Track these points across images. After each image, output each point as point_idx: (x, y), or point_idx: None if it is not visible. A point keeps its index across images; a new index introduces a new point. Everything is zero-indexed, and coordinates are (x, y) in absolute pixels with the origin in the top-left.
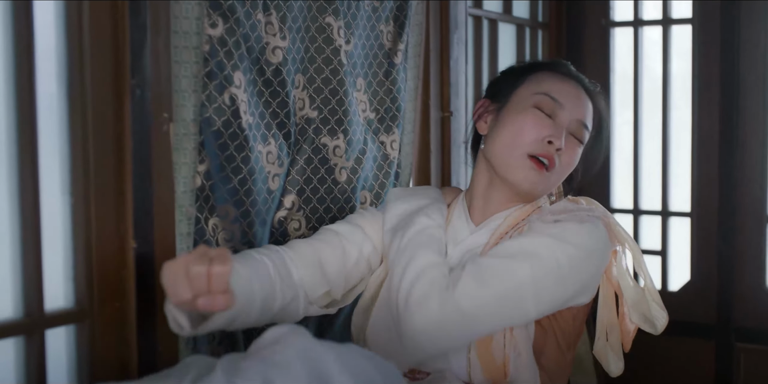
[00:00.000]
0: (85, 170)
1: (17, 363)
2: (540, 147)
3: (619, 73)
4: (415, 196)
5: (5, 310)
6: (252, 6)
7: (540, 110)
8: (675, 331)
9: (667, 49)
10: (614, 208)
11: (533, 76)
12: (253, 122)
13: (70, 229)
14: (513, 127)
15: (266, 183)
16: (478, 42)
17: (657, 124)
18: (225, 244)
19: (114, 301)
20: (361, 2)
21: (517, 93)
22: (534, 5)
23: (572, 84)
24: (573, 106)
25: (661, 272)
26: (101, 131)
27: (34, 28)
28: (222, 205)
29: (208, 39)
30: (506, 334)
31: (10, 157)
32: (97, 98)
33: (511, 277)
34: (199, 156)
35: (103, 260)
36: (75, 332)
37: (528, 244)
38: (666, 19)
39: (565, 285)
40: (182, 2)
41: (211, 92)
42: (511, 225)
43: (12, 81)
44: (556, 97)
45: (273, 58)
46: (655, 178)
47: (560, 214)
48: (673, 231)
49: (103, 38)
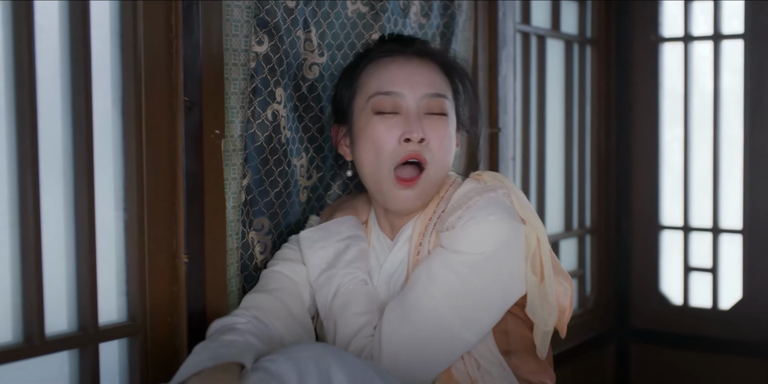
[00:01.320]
0: (138, 187)
1: (72, 376)
2: (401, 151)
3: (669, 89)
4: (329, 238)
5: (61, 324)
6: (293, 23)
7: (381, 113)
8: (726, 349)
9: (718, 65)
10: (664, 225)
11: (359, 79)
12: (290, 137)
13: (123, 244)
14: (366, 143)
15: (297, 196)
16: (526, 58)
17: (707, 140)
18: (260, 256)
19: (166, 315)
20: (407, 19)
21: (355, 106)
22: (582, 21)
23: (398, 61)
24: (410, 85)
25: (712, 290)
26: (154, 148)
27: (91, 47)
28: (258, 218)
29: (255, 56)
30: (464, 357)
31: (66, 174)
32: (151, 115)
33: (428, 314)
34: (242, 171)
35: (156, 275)
36: (128, 346)
37: (428, 269)
38: (717, 35)
39: (486, 294)
40: (233, 20)
41: (256, 108)
42: (421, 231)
43: (69, 99)
44: (388, 89)
45: (309, 74)
46: (705, 194)
47: (459, 209)
48: (723, 248)
49: (157, 56)
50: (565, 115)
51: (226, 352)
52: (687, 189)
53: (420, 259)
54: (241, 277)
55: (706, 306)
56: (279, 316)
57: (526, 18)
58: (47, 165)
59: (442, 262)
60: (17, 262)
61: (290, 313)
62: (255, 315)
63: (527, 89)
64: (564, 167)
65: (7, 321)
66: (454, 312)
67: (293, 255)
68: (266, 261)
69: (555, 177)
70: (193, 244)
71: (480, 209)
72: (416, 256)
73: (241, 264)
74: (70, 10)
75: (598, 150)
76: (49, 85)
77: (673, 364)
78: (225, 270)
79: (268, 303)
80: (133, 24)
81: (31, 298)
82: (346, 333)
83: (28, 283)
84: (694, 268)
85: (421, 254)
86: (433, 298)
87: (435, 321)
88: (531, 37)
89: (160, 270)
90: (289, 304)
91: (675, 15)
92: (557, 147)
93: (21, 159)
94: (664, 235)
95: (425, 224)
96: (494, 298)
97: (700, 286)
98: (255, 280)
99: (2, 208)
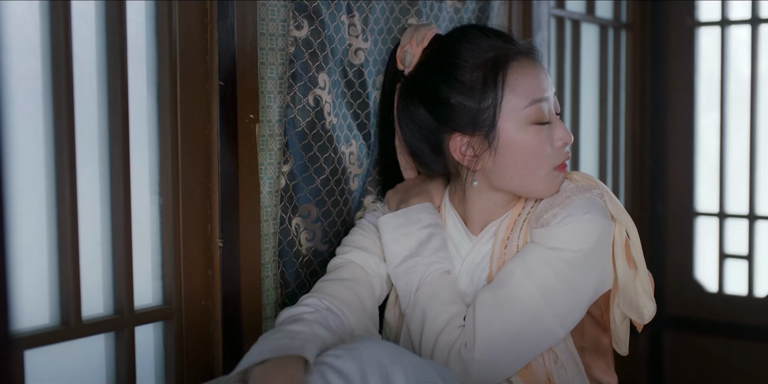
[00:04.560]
0: (173, 171)
1: (108, 358)
2: (560, 156)
3: (705, 73)
4: (410, 225)
5: (97, 308)
6: (336, 8)
7: (538, 124)
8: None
9: (755, 49)
10: (699, 211)
11: (504, 90)
12: (337, 123)
13: (158, 229)
14: (524, 155)
15: (348, 183)
16: (560, 43)
17: (744, 125)
18: (306, 243)
19: (200, 299)
20: (443, 3)
21: (502, 118)
22: (617, 5)
23: (533, 64)
24: (546, 89)
25: (747, 277)
26: (189, 133)
27: (126, 31)
28: (304, 205)
29: (294, 41)
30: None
31: (103, 158)
32: (186, 100)
33: (523, 308)
34: (283, 157)
35: (191, 259)
36: (163, 329)
37: (524, 264)
38: (755, 19)
39: (580, 290)
40: (268, 4)
41: (296, 93)
42: (509, 226)
43: (105, 84)
44: (537, 96)
45: (355, 59)
46: (741, 181)
47: (555, 207)
48: (760, 235)
49: (192, 40)
50: (600, 101)
51: (289, 343)
52: (723, 175)
53: (507, 253)
54: (280, 263)
55: (742, 293)
56: (352, 308)
57: (560, 2)
58: (84, 150)
59: (539, 258)
60: (54, 246)
61: (362, 306)
62: (328, 306)
63: (561, 74)
64: (598, 153)
65: (45, 304)
66: (548, 307)
67: (364, 242)
68: (314, 249)
69: (589, 163)
70: (227, 228)
71: (577, 207)
72: (503, 250)
73: (280, 250)
74: None
75: (632, 136)
76: (86, 70)
77: (707, 351)
78: (260, 255)
79: (343, 293)
80: (168, 9)
81: (68, 282)
82: (437, 322)
83: (65, 267)
84: (730, 255)
85: (508, 248)
86: (530, 292)
87: (530, 314)
88: (566, 21)
89: (195, 254)
90: (362, 296)
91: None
92: (592, 133)
93: (58, 144)
94: (699, 222)
95: (514, 219)
96: (586, 294)
97: (736, 274)
98: (295, 266)
99: (40, 194)
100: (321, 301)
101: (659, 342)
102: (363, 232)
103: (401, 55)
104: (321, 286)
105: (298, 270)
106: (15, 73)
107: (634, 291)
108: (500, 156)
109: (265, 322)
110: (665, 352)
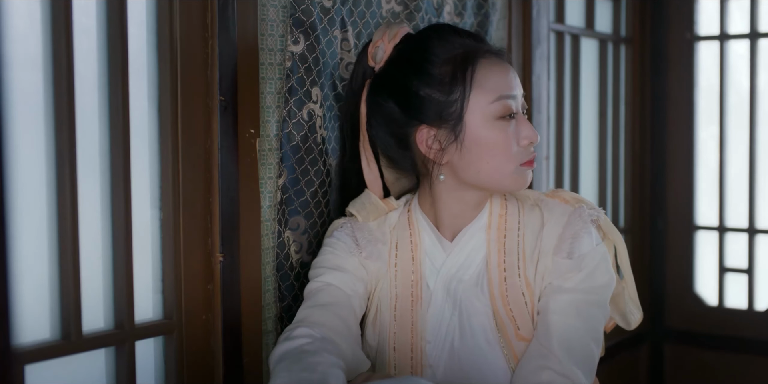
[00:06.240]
0: (174, 185)
1: (108, 373)
2: (527, 153)
3: (704, 87)
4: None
5: (97, 322)
6: (329, 23)
7: (503, 119)
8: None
9: (754, 63)
10: (699, 225)
11: (472, 84)
12: (326, 136)
13: (159, 243)
14: (489, 150)
15: (334, 195)
16: (560, 57)
17: (743, 139)
18: (295, 255)
19: (201, 313)
20: (441, 18)
21: (469, 111)
22: (617, 19)
23: (502, 62)
24: (514, 87)
25: (747, 291)
26: (190, 147)
27: (128, 46)
28: (294, 218)
29: (291, 55)
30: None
31: (103, 172)
32: (187, 114)
33: (584, 348)
34: (278, 170)
35: (191, 274)
36: (163, 343)
37: (563, 308)
38: (753, 33)
39: (605, 311)
40: (268, 19)
41: (291, 108)
42: (489, 238)
43: (106, 97)
44: (505, 92)
45: (346, 73)
46: (741, 194)
47: (560, 228)
48: (760, 249)
49: (193, 55)
50: (600, 115)
51: (308, 376)
52: (722, 189)
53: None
54: (277, 277)
55: (742, 307)
56: (342, 335)
57: (560, 17)
58: (84, 164)
59: (574, 302)
60: (55, 260)
61: (349, 330)
62: (323, 334)
63: (561, 88)
64: (598, 167)
65: (46, 318)
66: (591, 338)
67: (336, 261)
68: (301, 260)
69: (589, 177)
70: (228, 242)
71: (587, 236)
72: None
73: (277, 263)
74: (107, 9)
75: (632, 149)
76: (87, 83)
77: (707, 365)
78: (260, 269)
79: (330, 321)
80: (169, 23)
81: (68, 296)
82: None
83: (66, 281)
84: (730, 268)
85: (508, 272)
86: (577, 329)
87: (586, 350)
88: (565, 36)
89: (196, 268)
90: (347, 320)
91: (710, 13)
92: (591, 146)
93: (59, 157)
94: (699, 236)
95: (487, 228)
96: (607, 313)
97: (736, 287)
98: (290, 279)
99: (41, 207)
100: (313, 330)
101: (660, 355)
102: (333, 250)
103: (372, 52)
104: (307, 314)
105: (292, 283)
106: (17, 86)
107: (622, 300)
108: (466, 150)
109: (265, 336)
110: (666, 365)
